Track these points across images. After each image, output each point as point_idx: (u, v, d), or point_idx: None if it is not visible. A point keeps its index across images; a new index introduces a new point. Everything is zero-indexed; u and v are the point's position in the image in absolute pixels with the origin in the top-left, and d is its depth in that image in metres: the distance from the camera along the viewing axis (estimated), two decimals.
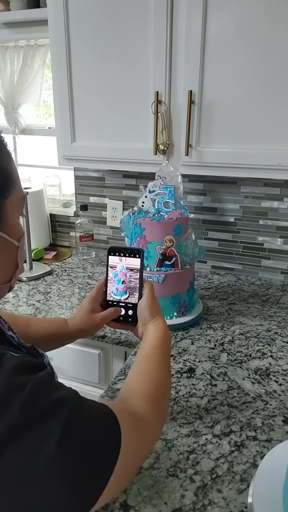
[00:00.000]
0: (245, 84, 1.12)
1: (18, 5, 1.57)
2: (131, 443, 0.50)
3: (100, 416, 0.48)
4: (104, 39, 1.22)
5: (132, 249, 0.80)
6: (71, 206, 1.93)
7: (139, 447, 0.53)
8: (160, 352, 0.68)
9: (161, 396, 0.62)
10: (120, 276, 0.80)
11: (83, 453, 0.43)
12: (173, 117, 1.22)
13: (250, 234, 1.57)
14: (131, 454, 0.50)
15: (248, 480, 0.70)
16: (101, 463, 0.45)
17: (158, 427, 0.61)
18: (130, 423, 0.51)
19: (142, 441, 0.54)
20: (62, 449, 0.41)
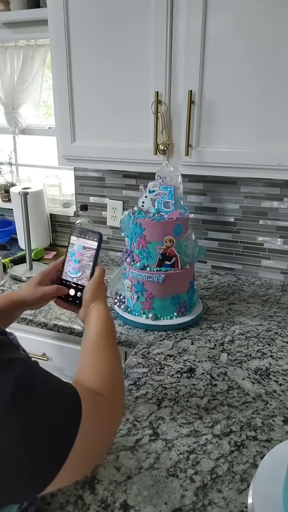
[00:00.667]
0: (245, 84, 1.12)
1: (18, 5, 1.57)
2: (91, 419, 0.50)
3: (59, 381, 0.51)
4: (104, 39, 1.22)
5: (91, 231, 0.81)
6: (71, 206, 1.93)
7: (98, 426, 0.53)
8: (105, 339, 0.68)
9: (116, 381, 0.63)
10: (76, 256, 0.81)
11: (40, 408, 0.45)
12: (173, 117, 1.22)
13: (250, 234, 1.57)
14: (91, 429, 0.50)
15: (248, 480, 0.70)
16: (61, 426, 0.46)
17: (116, 411, 0.61)
18: (89, 400, 0.52)
19: (102, 420, 0.55)
20: (17, 399, 0.42)
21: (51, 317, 1.27)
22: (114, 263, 1.73)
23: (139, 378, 0.97)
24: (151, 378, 0.97)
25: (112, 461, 0.73)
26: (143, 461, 0.73)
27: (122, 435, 0.79)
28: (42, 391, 0.47)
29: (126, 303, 1.26)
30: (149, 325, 1.19)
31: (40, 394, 0.46)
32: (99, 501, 0.66)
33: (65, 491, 0.67)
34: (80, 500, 0.66)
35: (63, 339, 1.27)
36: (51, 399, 0.47)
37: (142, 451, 0.76)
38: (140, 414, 0.85)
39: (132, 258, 1.23)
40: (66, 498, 0.66)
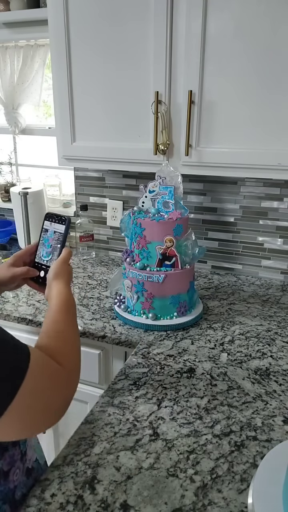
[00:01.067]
0: (245, 84, 1.12)
1: (18, 5, 1.57)
2: (38, 376, 0.55)
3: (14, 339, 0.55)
4: (104, 39, 1.22)
5: (60, 216, 0.86)
6: (71, 206, 1.93)
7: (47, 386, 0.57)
8: (64, 315, 0.72)
9: (72, 353, 0.67)
10: (50, 241, 0.86)
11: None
12: (173, 117, 1.22)
13: (250, 234, 1.57)
14: (38, 386, 0.54)
15: (248, 480, 0.70)
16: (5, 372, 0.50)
17: (70, 378, 0.64)
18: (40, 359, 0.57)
19: (52, 382, 0.58)
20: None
21: None
22: (114, 263, 1.73)
23: (139, 378, 0.97)
24: (151, 378, 0.97)
25: (112, 461, 0.73)
26: (143, 461, 0.73)
27: (122, 435, 0.79)
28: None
29: (126, 303, 1.26)
30: (149, 325, 1.19)
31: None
32: (99, 501, 0.66)
33: (65, 491, 0.67)
34: (80, 500, 0.66)
35: None
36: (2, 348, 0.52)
37: (142, 451, 0.76)
38: (140, 414, 0.85)
39: (132, 258, 1.23)
40: (66, 498, 0.66)
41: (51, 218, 0.87)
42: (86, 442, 0.77)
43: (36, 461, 0.73)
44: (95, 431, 0.80)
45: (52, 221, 0.87)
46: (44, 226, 0.88)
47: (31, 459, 0.71)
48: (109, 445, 0.77)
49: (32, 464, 0.71)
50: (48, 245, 0.86)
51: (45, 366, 0.58)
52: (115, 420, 0.83)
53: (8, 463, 0.64)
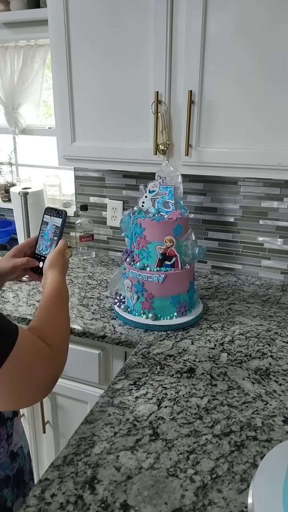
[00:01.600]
0: (245, 84, 1.12)
1: (18, 5, 1.57)
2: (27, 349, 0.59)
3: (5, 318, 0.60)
4: (104, 39, 1.22)
5: (58, 210, 0.92)
6: (71, 206, 1.93)
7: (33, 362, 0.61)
8: (55, 300, 0.76)
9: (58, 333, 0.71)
10: (49, 235, 0.92)
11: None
12: (173, 117, 1.22)
13: (250, 234, 1.57)
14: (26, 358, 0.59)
15: (248, 480, 0.70)
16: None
17: (57, 358, 0.67)
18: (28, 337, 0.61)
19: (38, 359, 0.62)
20: None
21: None
22: (114, 263, 1.73)
23: (139, 378, 0.97)
24: (151, 378, 0.97)
25: (112, 461, 0.73)
26: (143, 461, 0.73)
27: (122, 435, 0.79)
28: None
29: (126, 303, 1.26)
30: (149, 325, 1.19)
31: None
32: (99, 501, 0.66)
33: (65, 491, 0.67)
34: (80, 500, 0.66)
35: None
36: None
37: (142, 451, 0.76)
38: (140, 414, 0.85)
39: (132, 258, 1.23)
40: (66, 498, 0.66)
41: (50, 212, 0.93)
42: (86, 442, 0.77)
43: (21, 448, 0.77)
44: (95, 431, 0.80)
45: (51, 215, 0.93)
46: (44, 219, 0.93)
47: (17, 445, 0.76)
48: (109, 445, 0.77)
49: (17, 450, 0.76)
50: (47, 239, 0.91)
51: (31, 344, 0.62)
52: (115, 420, 0.83)
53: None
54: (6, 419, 0.73)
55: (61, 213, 0.91)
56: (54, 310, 0.74)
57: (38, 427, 1.38)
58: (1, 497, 0.72)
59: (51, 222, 0.92)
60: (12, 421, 0.75)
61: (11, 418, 0.75)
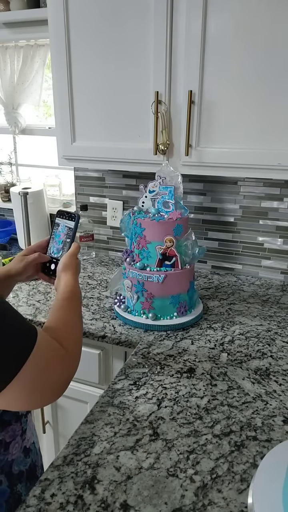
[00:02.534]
0: (245, 84, 1.12)
1: (18, 5, 1.57)
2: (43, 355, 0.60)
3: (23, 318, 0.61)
4: (104, 39, 1.22)
5: (71, 213, 0.93)
6: (71, 206, 1.93)
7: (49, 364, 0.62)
8: (69, 302, 0.78)
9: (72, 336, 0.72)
10: (61, 237, 0.92)
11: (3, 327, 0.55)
12: (173, 117, 1.22)
13: (250, 234, 1.57)
14: (42, 363, 0.60)
15: (248, 480, 0.70)
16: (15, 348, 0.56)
17: (71, 360, 0.69)
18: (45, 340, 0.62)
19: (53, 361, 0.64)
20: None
21: None
22: (114, 263, 1.73)
23: (139, 378, 0.97)
24: (151, 378, 0.97)
25: (112, 461, 0.73)
26: (143, 461, 0.73)
27: (122, 435, 0.79)
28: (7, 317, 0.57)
29: (126, 303, 1.26)
30: (149, 325, 1.19)
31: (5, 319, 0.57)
32: (99, 501, 0.66)
33: (65, 491, 0.67)
34: (80, 500, 0.66)
35: None
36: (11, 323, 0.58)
37: (142, 451, 0.76)
38: (140, 414, 0.85)
39: (132, 258, 1.23)
40: (66, 498, 0.66)
41: (63, 215, 0.93)
42: (86, 442, 0.77)
43: (33, 443, 0.79)
44: (95, 431, 0.80)
45: (63, 218, 0.93)
46: (56, 221, 0.94)
47: (29, 440, 0.77)
48: (109, 445, 0.77)
49: (30, 445, 0.77)
50: (59, 241, 0.92)
51: (49, 346, 0.63)
52: (115, 420, 0.83)
53: (10, 435, 0.71)
54: (21, 416, 0.74)
55: (74, 216, 0.92)
56: (68, 313, 0.75)
57: (38, 427, 1.38)
58: (16, 492, 0.72)
59: (63, 224, 0.93)
60: (26, 417, 0.77)
61: (25, 414, 0.76)
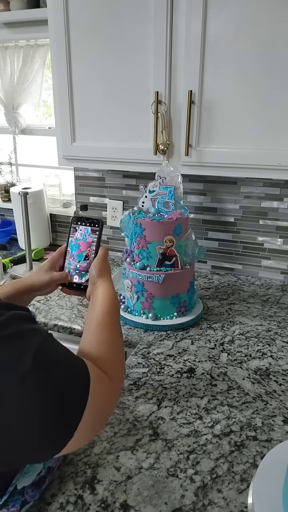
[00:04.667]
0: (245, 83, 1.12)
1: (18, 5, 1.57)
2: (97, 390, 0.54)
3: (72, 354, 0.55)
4: (104, 38, 1.22)
5: (93, 219, 0.83)
6: (71, 206, 1.93)
7: (102, 398, 0.57)
8: (111, 318, 0.70)
9: (119, 363, 0.67)
10: (81, 250, 0.83)
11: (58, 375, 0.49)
12: (173, 117, 1.22)
13: (250, 234, 1.57)
14: (97, 399, 0.54)
15: (248, 480, 0.70)
16: (75, 393, 0.51)
17: (118, 388, 0.65)
18: (94, 372, 0.56)
19: (105, 395, 0.59)
20: (37, 364, 0.46)
21: (51, 317, 1.27)
22: (114, 263, 1.73)
23: (139, 378, 0.97)
24: (151, 378, 0.97)
25: (112, 461, 0.73)
26: (143, 461, 0.73)
27: (122, 435, 0.79)
28: (57, 360, 0.51)
29: (126, 303, 1.26)
30: (149, 325, 1.19)
31: (56, 363, 0.50)
32: (99, 501, 0.66)
33: (65, 491, 0.67)
34: (80, 500, 0.66)
35: (63, 339, 1.27)
36: (66, 368, 0.52)
37: (142, 451, 0.76)
38: (140, 414, 0.85)
39: (132, 258, 1.23)
40: (66, 498, 0.66)
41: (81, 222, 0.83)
42: None
43: None
44: None
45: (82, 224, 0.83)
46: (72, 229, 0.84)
47: None
48: (109, 445, 0.77)
49: None
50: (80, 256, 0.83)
51: (100, 382, 0.57)
52: (115, 420, 0.83)
53: None
54: None
55: (97, 222, 0.82)
56: (111, 331, 0.68)
57: None
58: None
59: (83, 233, 0.83)
60: None
61: None
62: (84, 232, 0.83)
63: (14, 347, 0.47)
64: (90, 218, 0.83)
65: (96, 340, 0.66)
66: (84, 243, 0.83)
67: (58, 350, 0.53)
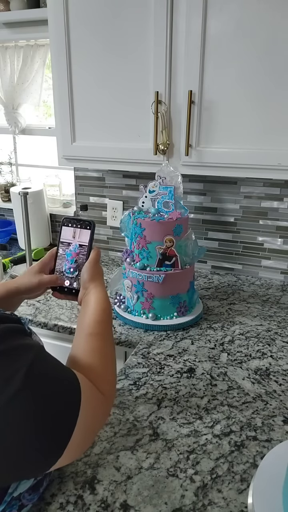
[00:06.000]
0: (245, 83, 1.12)
1: (18, 5, 1.57)
2: (88, 405, 0.53)
3: (63, 368, 0.54)
4: (104, 38, 1.22)
5: (83, 220, 0.79)
6: (71, 206, 1.93)
7: (93, 413, 0.56)
8: (103, 327, 0.68)
9: (109, 374, 0.65)
10: (73, 256, 0.80)
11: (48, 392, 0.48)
12: (173, 117, 1.22)
13: (250, 234, 1.57)
14: (88, 414, 0.53)
15: (248, 480, 0.70)
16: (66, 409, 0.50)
17: (111, 400, 0.64)
18: (87, 387, 0.55)
19: (97, 410, 0.58)
20: (28, 383, 0.46)
21: (51, 317, 1.27)
22: (114, 263, 1.73)
23: (139, 378, 0.97)
24: (151, 378, 0.97)
25: (112, 461, 0.73)
26: (143, 461, 0.73)
27: (122, 435, 0.79)
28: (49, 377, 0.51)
29: (126, 303, 1.26)
30: (149, 325, 1.19)
31: (48, 380, 0.50)
32: (99, 501, 0.66)
33: (65, 491, 0.67)
34: (80, 500, 0.66)
35: (63, 339, 1.27)
36: (57, 384, 0.51)
37: (142, 451, 0.76)
38: (140, 414, 0.85)
39: (132, 258, 1.23)
40: (66, 498, 0.66)
41: (72, 223, 0.80)
42: None
43: None
44: None
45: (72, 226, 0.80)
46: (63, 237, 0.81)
47: None
48: (109, 445, 0.77)
49: None
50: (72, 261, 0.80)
51: (92, 397, 0.56)
52: (115, 420, 0.83)
53: None
54: None
55: (89, 224, 0.79)
56: (103, 340, 0.66)
57: None
58: None
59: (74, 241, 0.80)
60: None
61: None
62: (77, 242, 0.80)
63: (7, 364, 0.47)
64: (82, 219, 0.80)
65: (87, 349, 0.64)
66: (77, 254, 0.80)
67: (49, 366, 0.52)
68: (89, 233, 0.79)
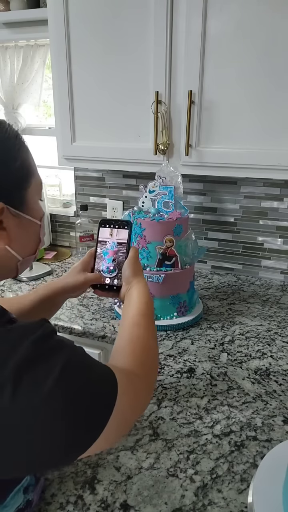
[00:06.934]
0: (245, 83, 1.12)
1: (18, 5, 1.57)
2: (125, 398, 0.54)
3: (99, 364, 0.54)
4: (104, 39, 1.22)
5: (122, 220, 0.83)
6: (71, 206, 1.93)
7: (130, 403, 0.56)
8: (146, 319, 0.71)
9: (152, 362, 0.67)
10: (111, 255, 0.83)
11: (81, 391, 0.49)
12: (173, 117, 1.22)
13: (250, 234, 1.57)
14: (125, 408, 0.54)
15: (248, 480, 0.70)
16: (98, 404, 0.50)
17: (150, 390, 0.64)
18: (125, 380, 0.56)
19: (134, 398, 0.58)
20: (60, 383, 0.46)
21: None
22: None
23: None
24: None
25: (112, 461, 0.73)
26: (143, 461, 0.73)
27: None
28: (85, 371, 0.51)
29: None
30: None
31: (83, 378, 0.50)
32: (99, 501, 0.66)
33: (65, 491, 0.67)
34: (80, 500, 0.66)
35: None
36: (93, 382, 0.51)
37: (142, 451, 0.76)
38: None
39: None
40: (66, 498, 0.66)
41: (109, 224, 0.84)
42: None
43: None
44: None
45: (110, 227, 0.84)
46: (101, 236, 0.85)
47: None
48: None
49: None
50: (109, 260, 0.83)
51: (129, 386, 0.57)
52: None
53: None
54: None
55: (126, 224, 0.83)
56: (145, 331, 0.69)
57: None
58: None
59: (111, 239, 0.84)
60: None
61: None
62: (115, 239, 0.84)
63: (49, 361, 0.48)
64: (119, 220, 0.84)
65: (131, 338, 0.67)
66: (113, 246, 0.84)
67: (85, 362, 0.53)
68: (127, 232, 0.83)
